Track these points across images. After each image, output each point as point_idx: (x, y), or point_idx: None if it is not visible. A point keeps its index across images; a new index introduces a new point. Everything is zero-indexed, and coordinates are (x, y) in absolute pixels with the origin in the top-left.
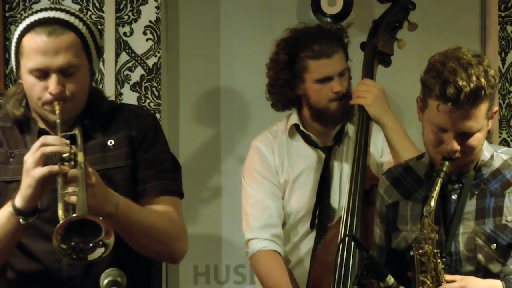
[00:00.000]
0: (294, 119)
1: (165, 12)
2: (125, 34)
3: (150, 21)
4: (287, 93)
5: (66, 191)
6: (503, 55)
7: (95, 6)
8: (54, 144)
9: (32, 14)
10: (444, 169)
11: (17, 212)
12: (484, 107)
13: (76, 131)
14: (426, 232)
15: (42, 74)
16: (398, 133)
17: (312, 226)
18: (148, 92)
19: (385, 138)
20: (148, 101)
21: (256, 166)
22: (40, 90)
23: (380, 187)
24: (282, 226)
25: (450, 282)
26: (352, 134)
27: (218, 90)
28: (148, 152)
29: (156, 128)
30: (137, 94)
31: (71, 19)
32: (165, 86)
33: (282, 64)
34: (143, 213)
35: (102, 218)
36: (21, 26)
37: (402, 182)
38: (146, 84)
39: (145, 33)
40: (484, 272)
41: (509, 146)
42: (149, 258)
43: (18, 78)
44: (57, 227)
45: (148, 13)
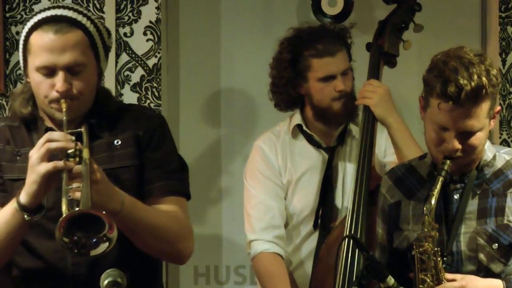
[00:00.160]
0: (297, 119)
1: (165, 12)
2: (125, 34)
3: (150, 21)
4: (290, 92)
5: (70, 187)
6: (504, 56)
7: (96, 7)
8: (59, 140)
9: (40, 12)
10: (445, 167)
11: (21, 208)
12: (485, 106)
13: (82, 129)
14: (427, 230)
15: (49, 72)
16: (403, 134)
17: (315, 226)
18: (148, 92)
19: (390, 138)
20: (148, 101)
21: (259, 167)
22: (47, 88)
23: (382, 187)
24: (284, 227)
25: (451, 281)
26: (355, 135)
27: (218, 91)
28: (155, 152)
29: (163, 128)
30: (137, 95)
31: (79, 17)
32: (165, 87)
33: (286, 63)
34: (149, 212)
35: (105, 213)
36: (28, 24)
37: (404, 182)
38: (147, 84)
39: (145, 33)
40: (485, 272)
41: (509, 147)
42: (154, 257)
43: (26, 76)
44: (60, 221)
45: (148, 13)
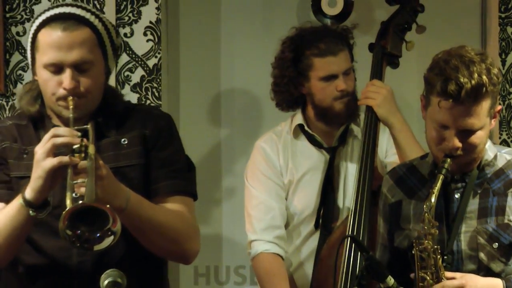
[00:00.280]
0: (298, 119)
1: (165, 13)
2: (125, 35)
3: (150, 22)
4: (292, 91)
5: (75, 182)
6: (503, 56)
7: (96, 7)
8: (65, 135)
9: (48, 10)
10: (445, 166)
11: (27, 203)
12: (486, 105)
13: (88, 126)
14: (427, 227)
15: (56, 69)
16: (406, 134)
17: (316, 226)
18: (148, 93)
19: (391, 139)
20: (148, 102)
21: (260, 167)
22: (54, 86)
23: (383, 186)
24: (285, 227)
25: (450, 279)
26: (357, 135)
27: (218, 91)
28: (161, 151)
29: (170, 128)
30: (137, 95)
31: (87, 15)
32: (165, 87)
33: (288, 62)
34: (155, 210)
35: (108, 206)
36: (37, 21)
37: (405, 181)
38: (147, 85)
39: (145, 34)
40: (485, 271)
41: (509, 147)
42: (159, 257)
43: (33, 74)
44: (63, 213)
45: (148, 14)
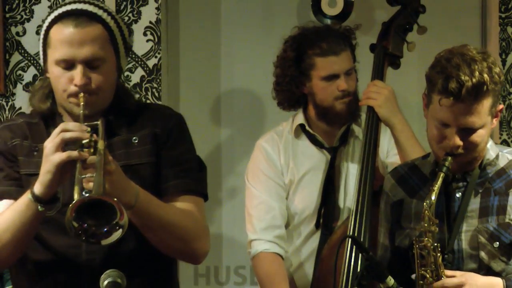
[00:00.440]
0: (299, 119)
1: (165, 13)
2: None
3: (150, 22)
4: (294, 90)
5: (83, 176)
6: (504, 56)
7: None
8: (74, 130)
9: (60, 6)
10: (446, 164)
11: (35, 198)
12: (487, 103)
13: (99, 122)
14: (427, 225)
15: (67, 65)
16: (407, 135)
17: (317, 226)
18: (148, 93)
19: (393, 139)
20: (148, 102)
21: (261, 167)
22: (65, 82)
23: (385, 186)
24: (285, 227)
25: (450, 277)
26: (358, 135)
27: (218, 91)
28: (172, 150)
29: (181, 127)
30: (137, 95)
31: (99, 12)
32: (165, 87)
33: (290, 61)
34: (164, 208)
35: (116, 199)
36: (49, 18)
37: (407, 181)
38: (147, 85)
39: (145, 34)
40: (486, 270)
41: (509, 147)
42: (169, 255)
43: (45, 71)
44: (70, 206)
45: (148, 14)
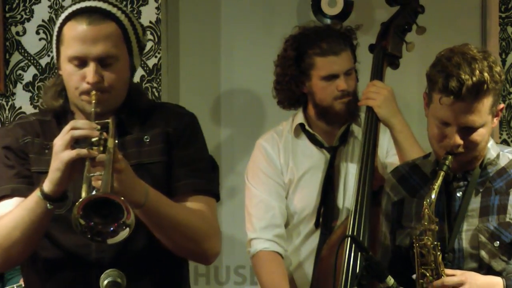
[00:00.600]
0: (299, 119)
1: (165, 13)
2: None
3: (150, 22)
4: (294, 90)
5: (92, 175)
6: (504, 56)
7: None
8: (84, 128)
9: (74, 3)
10: (446, 162)
11: (44, 196)
12: (487, 102)
13: (109, 120)
14: (427, 223)
15: (80, 62)
16: (406, 135)
17: (316, 225)
18: (148, 93)
19: (392, 140)
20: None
21: (261, 166)
22: (78, 79)
23: (386, 185)
24: (285, 226)
25: (450, 276)
26: (357, 135)
27: (218, 91)
28: (184, 150)
29: (194, 127)
30: None
31: (113, 10)
32: (165, 87)
33: (290, 60)
34: (174, 208)
35: (123, 198)
36: (63, 15)
37: (408, 180)
38: (147, 84)
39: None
40: (487, 269)
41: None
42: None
43: (58, 68)
44: (77, 204)
45: (148, 14)
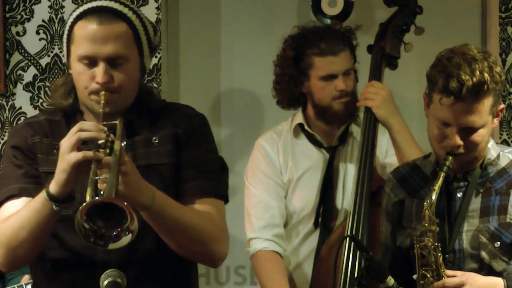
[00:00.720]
0: (299, 119)
1: (165, 12)
2: None
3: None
4: (293, 89)
5: (98, 177)
6: (504, 56)
7: None
8: (91, 129)
9: (86, 2)
10: (447, 163)
11: (50, 197)
12: (487, 103)
13: (117, 121)
14: (427, 224)
15: (90, 62)
16: (405, 135)
17: (316, 224)
18: None
19: (391, 140)
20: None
21: (260, 166)
22: (87, 79)
23: (387, 186)
24: (284, 226)
25: (451, 277)
26: (357, 135)
27: (218, 91)
28: (193, 151)
29: (204, 128)
30: None
31: (124, 10)
32: (165, 87)
33: (289, 60)
34: (181, 210)
35: (126, 204)
36: (74, 14)
37: (408, 180)
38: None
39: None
40: (487, 270)
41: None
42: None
43: (68, 67)
44: (80, 208)
45: (148, 14)
